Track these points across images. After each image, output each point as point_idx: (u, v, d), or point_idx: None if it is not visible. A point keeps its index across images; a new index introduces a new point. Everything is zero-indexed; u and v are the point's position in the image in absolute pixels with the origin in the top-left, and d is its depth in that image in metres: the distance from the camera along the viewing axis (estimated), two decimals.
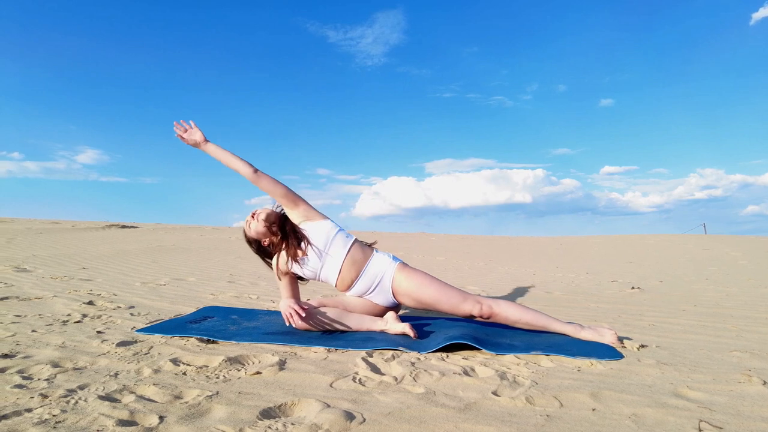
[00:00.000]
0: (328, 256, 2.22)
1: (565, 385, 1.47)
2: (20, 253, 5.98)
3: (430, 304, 2.18)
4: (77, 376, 1.47)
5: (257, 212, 2.27)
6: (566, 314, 2.80)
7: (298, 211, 2.28)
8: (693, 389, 1.43)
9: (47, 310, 2.53)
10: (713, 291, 3.97)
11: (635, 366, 1.69)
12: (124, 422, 1.13)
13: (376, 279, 2.22)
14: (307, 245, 2.23)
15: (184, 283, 3.92)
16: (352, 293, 2.27)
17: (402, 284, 2.20)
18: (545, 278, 5.11)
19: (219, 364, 1.63)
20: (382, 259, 2.26)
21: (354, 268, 2.22)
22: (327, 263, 2.22)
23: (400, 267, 2.24)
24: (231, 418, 1.17)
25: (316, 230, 2.25)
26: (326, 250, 2.22)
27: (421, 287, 2.18)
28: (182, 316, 2.45)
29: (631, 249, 10.76)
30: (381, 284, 2.22)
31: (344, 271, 2.21)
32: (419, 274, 2.23)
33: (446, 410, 1.25)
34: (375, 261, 2.25)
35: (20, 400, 1.25)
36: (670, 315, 2.78)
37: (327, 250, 2.22)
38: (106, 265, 4.98)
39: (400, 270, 2.22)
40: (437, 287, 2.17)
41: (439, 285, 2.18)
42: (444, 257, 8.07)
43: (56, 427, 1.10)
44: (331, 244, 2.22)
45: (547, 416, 1.22)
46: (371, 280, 2.23)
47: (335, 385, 1.44)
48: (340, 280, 2.23)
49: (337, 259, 2.21)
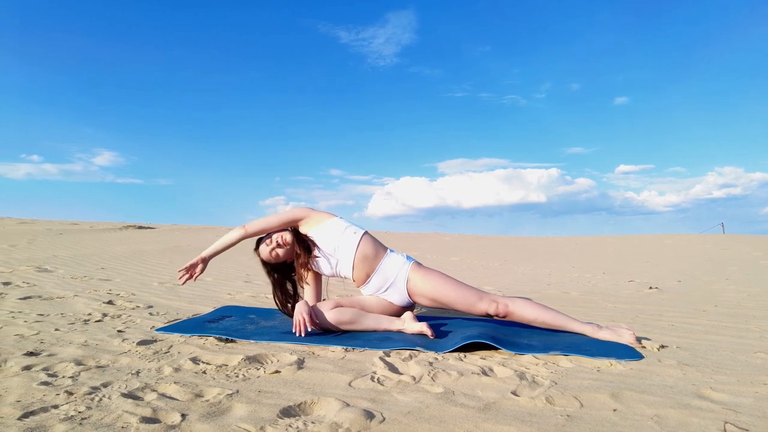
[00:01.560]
0: (340, 253, 2.25)
1: (584, 385, 1.45)
2: (41, 253, 6.09)
3: (445, 303, 2.18)
4: (100, 374, 1.50)
5: (283, 238, 2.30)
6: (584, 314, 2.77)
7: (302, 225, 2.33)
8: (716, 390, 1.40)
9: (69, 309, 2.58)
10: (734, 291, 3.89)
11: (656, 366, 1.66)
12: (147, 419, 1.15)
13: (390, 278, 2.23)
14: (315, 249, 2.27)
15: (202, 282, 3.96)
16: (367, 291, 2.28)
17: (417, 284, 2.20)
18: (561, 278, 5.06)
19: (238, 363, 1.64)
20: (396, 258, 2.27)
21: (366, 262, 2.24)
22: (341, 260, 2.25)
23: (415, 267, 2.24)
24: (252, 416, 1.19)
25: (324, 232, 2.28)
26: (337, 249, 2.25)
27: (437, 286, 2.18)
28: (200, 316, 2.48)
29: (648, 249, 10.61)
30: (395, 283, 2.23)
31: (357, 266, 2.24)
32: (434, 273, 2.23)
33: (466, 410, 1.24)
34: (389, 260, 2.26)
35: (47, 397, 1.27)
36: (690, 315, 2.74)
37: (337, 248, 2.25)
38: (124, 265, 5.05)
39: (415, 270, 2.22)
40: (453, 286, 2.17)
41: (455, 284, 2.18)
42: (459, 257, 8.05)
43: (82, 423, 1.12)
44: (340, 242, 2.25)
45: (568, 416, 1.21)
46: (385, 278, 2.24)
47: (354, 384, 1.45)
48: (356, 274, 2.25)
49: (348, 254, 2.24)
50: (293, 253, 2.31)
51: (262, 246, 2.33)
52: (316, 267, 2.29)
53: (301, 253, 2.27)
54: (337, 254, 2.25)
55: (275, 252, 2.29)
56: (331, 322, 2.10)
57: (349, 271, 2.25)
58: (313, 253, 2.27)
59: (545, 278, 5.05)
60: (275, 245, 2.29)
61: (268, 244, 2.30)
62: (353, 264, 2.23)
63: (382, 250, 2.30)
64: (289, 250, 2.30)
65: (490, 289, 4.06)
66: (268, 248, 2.30)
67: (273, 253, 2.30)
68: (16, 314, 2.39)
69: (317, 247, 2.27)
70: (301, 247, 2.28)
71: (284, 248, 2.29)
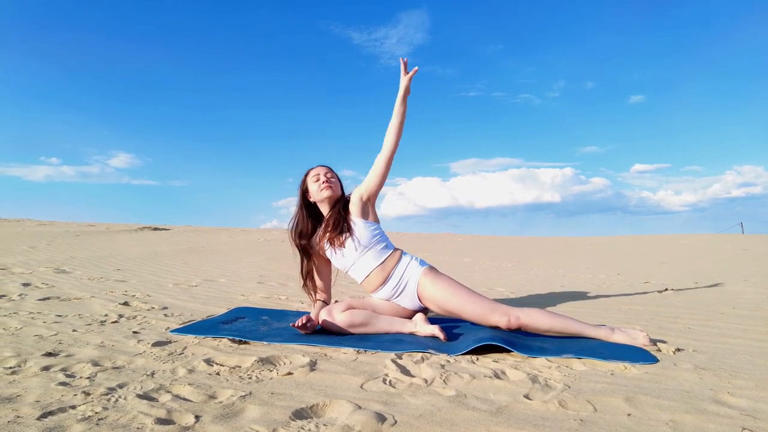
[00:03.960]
0: (363, 258, 2.23)
1: (598, 389, 1.44)
2: (60, 255, 6.20)
3: (455, 313, 2.15)
4: (116, 374, 1.52)
5: (335, 185, 2.31)
6: (598, 316, 2.74)
7: (366, 196, 2.29)
8: (734, 396, 1.38)
9: (86, 310, 2.63)
10: (753, 293, 3.82)
11: (671, 370, 1.64)
12: (161, 420, 1.17)
13: (402, 284, 2.22)
14: (348, 238, 2.24)
15: (215, 284, 4.00)
16: (378, 296, 2.28)
17: (427, 290, 2.17)
18: (575, 279, 5.01)
19: (251, 364, 1.66)
20: (408, 263, 2.25)
21: (382, 274, 2.23)
22: (358, 263, 2.24)
23: (426, 272, 2.21)
24: (264, 418, 1.20)
25: (363, 229, 2.25)
26: (362, 252, 2.23)
27: (446, 295, 2.14)
28: (214, 317, 2.50)
29: (664, 249, 10.46)
30: (406, 289, 2.21)
31: (372, 276, 2.23)
32: (445, 280, 2.19)
33: (478, 413, 1.24)
34: (401, 265, 2.24)
35: (64, 397, 1.30)
36: (707, 317, 2.69)
37: (363, 252, 2.23)
38: (139, 267, 5.12)
39: (426, 275, 2.19)
40: (463, 296, 2.12)
41: (466, 294, 2.13)
42: (471, 258, 8.01)
43: (99, 424, 1.14)
44: (369, 249, 2.23)
45: (581, 420, 1.20)
46: (396, 284, 2.22)
47: (366, 386, 1.45)
48: (367, 282, 2.25)
49: (368, 264, 2.23)
50: (331, 209, 2.30)
51: (312, 184, 2.33)
52: (331, 253, 2.28)
53: (334, 225, 2.24)
54: (358, 258, 2.24)
55: (323, 189, 2.28)
56: (342, 325, 2.11)
57: (361, 277, 2.26)
58: (341, 238, 2.24)
59: (559, 279, 5.01)
60: (326, 185, 2.29)
61: (317, 181, 2.31)
62: (370, 273, 2.23)
63: (397, 257, 2.26)
64: (331, 198, 2.30)
65: (503, 290, 4.04)
66: (316, 183, 2.31)
67: (321, 187, 2.29)
68: (36, 315, 2.44)
69: (351, 236, 2.24)
70: (338, 219, 2.25)
71: (332, 190, 2.28)
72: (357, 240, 2.23)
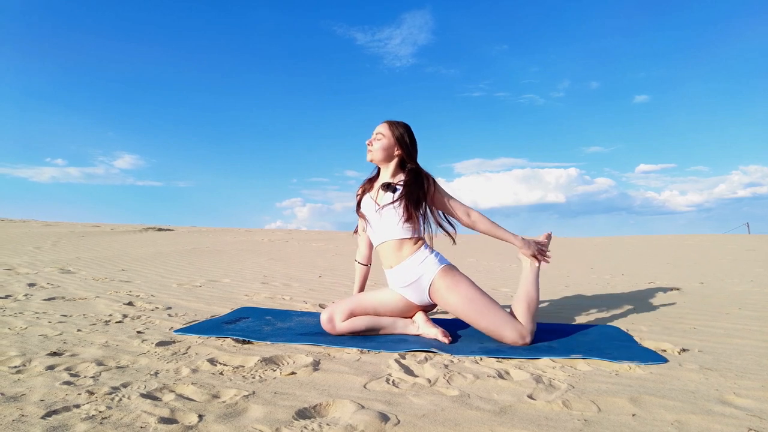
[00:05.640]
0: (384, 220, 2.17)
1: (602, 389, 1.43)
2: (65, 255, 6.24)
3: (466, 321, 2.07)
4: (120, 374, 1.53)
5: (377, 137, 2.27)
6: (601, 317, 2.73)
7: (438, 202, 2.27)
8: (741, 396, 1.37)
9: (90, 310, 2.64)
10: (759, 293, 3.79)
11: (677, 371, 1.63)
12: (165, 420, 1.17)
13: (413, 276, 2.10)
14: (386, 193, 2.18)
15: (219, 284, 4.00)
16: (389, 278, 2.20)
17: (440, 293, 2.06)
18: (580, 279, 5.00)
19: (255, 364, 1.66)
20: (426, 257, 2.12)
21: (398, 254, 2.14)
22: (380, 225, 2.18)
23: (443, 272, 2.07)
24: (267, 417, 1.19)
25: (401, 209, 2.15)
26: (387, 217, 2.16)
27: (461, 305, 2.02)
28: (218, 317, 2.51)
29: (669, 250, 10.41)
30: (418, 282, 2.10)
31: (387, 247, 2.17)
32: (462, 287, 2.04)
33: (481, 413, 1.24)
34: (417, 257, 2.12)
35: (69, 396, 1.30)
36: (712, 318, 2.68)
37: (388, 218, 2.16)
38: (144, 267, 5.14)
39: (442, 277, 2.06)
40: (478, 310, 2.00)
41: (482, 307, 2.00)
42: (475, 258, 7.99)
43: (102, 423, 1.14)
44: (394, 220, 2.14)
45: (585, 421, 1.19)
46: (408, 274, 2.11)
47: (369, 386, 1.45)
48: (381, 250, 2.19)
49: (388, 231, 2.16)
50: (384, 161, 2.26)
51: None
52: (365, 204, 2.27)
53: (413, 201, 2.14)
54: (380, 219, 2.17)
55: (372, 149, 2.26)
56: (344, 333, 2.10)
57: (377, 242, 2.20)
58: (378, 193, 2.21)
59: (563, 279, 4.99)
60: (368, 149, 2.27)
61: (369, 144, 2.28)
62: (384, 242, 2.17)
63: (416, 245, 2.15)
64: (373, 161, 2.28)
65: (506, 291, 4.03)
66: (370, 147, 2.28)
67: (369, 149, 2.27)
68: (41, 315, 2.45)
69: (392, 195, 2.16)
70: (419, 181, 2.20)
71: (370, 153, 2.26)
72: (390, 203, 2.15)
